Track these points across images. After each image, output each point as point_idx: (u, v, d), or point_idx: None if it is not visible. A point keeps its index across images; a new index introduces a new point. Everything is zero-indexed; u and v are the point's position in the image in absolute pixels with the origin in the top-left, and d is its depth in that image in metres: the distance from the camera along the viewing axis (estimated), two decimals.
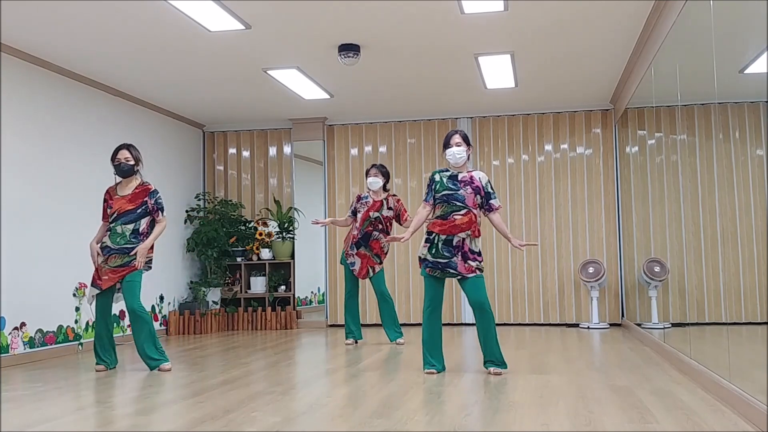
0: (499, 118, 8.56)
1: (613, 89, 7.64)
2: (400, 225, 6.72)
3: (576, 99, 8.04)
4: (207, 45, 5.91)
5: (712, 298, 4.31)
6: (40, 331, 6.10)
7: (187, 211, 8.63)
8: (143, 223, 5.31)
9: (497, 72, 6.80)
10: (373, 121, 8.78)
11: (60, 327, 6.36)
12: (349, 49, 5.96)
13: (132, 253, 5.24)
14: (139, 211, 5.29)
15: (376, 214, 6.59)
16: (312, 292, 9.18)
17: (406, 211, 6.67)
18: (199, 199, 8.95)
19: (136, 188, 5.34)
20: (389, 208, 6.62)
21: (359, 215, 6.63)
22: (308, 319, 8.86)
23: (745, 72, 3.64)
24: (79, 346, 6.57)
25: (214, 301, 8.51)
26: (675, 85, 4.81)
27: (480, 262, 4.85)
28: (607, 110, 8.36)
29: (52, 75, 6.37)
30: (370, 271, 6.65)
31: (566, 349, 6.12)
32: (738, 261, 3.87)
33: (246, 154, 9.13)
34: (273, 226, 8.85)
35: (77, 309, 6.59)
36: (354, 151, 8.87)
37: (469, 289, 4.83)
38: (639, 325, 7.01)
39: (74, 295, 6.56)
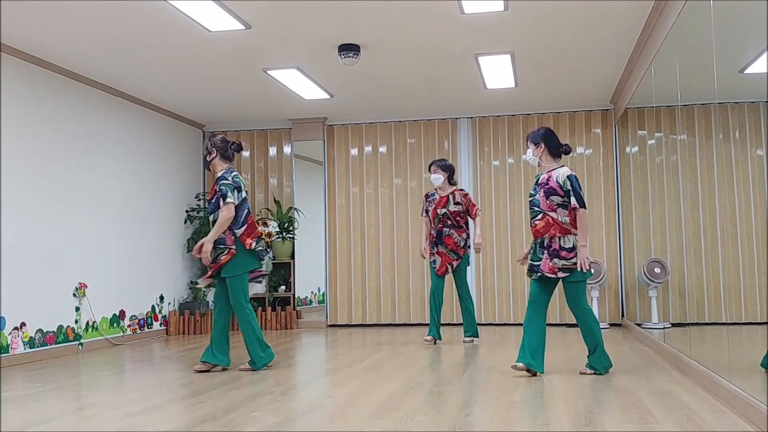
0: (499, 118, 8.56)
1: (613, 89, 7.64)
2: (471, 219, 6.62)
3: (576, 99, 8.04)
4: (207, 45, 5.91)
5: (712, 298, 4.31)
6: (40, 331, 6.10)
7: (187, 211, 8.63)
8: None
9: (497, 72, 6.80)
10: (373, 121, 8.78)
11: (60, 327, 6.36)
12: (349, 49, 5.96)
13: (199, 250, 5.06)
14: (213, 201, 5.11)
15: (444, 211, 6.53)
16: (312, 292, 9.18)
17: (474, 205, 6.60)
18: (199, 199, 8.95)
19: (216, 178, 5.16)
20: (456, 203, 6.54)
21: (430, 214, 6.64)
22: (308, 319, 8.86)
23: (745, 72, 3.64)
24: (79, 346, 6.57)
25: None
26: (675, 85, 4.81)
27: (569, 259, 4.66)
28: (607, 110, 8.36)
29: (52, 75, 6.37)
30: (449, 268, 6.59)
31: (566, 349, 6.12)
32: (738, 261, 3.87)
33: (246, 154, 9.13)
34: (273, 226, 8.84)
35: (77, 309, 6.60)
36: (354, 151, 8.87)
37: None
38: (639, 325, 7.01)
39: (74, 295, 6.56)
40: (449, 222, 6.52)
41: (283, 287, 8.77)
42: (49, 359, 6.08)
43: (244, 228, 5.10)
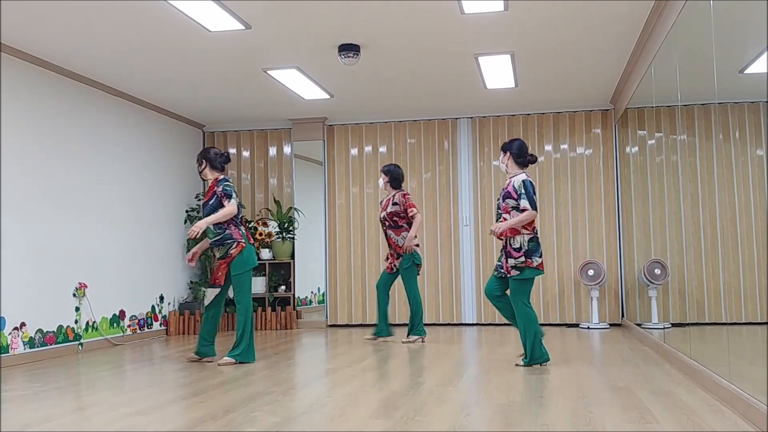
0: (499, 118, 8.56)
1: (613, 89, 7.64)
2: (407, 219, 6.79)
3: (576, 99, 8.04)
4: (207, 45, 5.91)
5: (712, 298, 4.31)
6: (40, 331, 6.10)
7: (187, 211, 8.62)
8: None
9: (497, 72, 6.80)
10: (373, 121, 8.78)
11: (60, 327, 6.36)
12: (349, 49, 5.96)
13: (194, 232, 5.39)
14: (212, 202, 5.46)
15: (383, 213, 6.85)
16: (312, 292, 9.18)
17: (411, 206, 6.78)
18: (199, 200, 8.95)
19: (211, 183, 5.54)
20: (394, 204, 6.78)
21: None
22: (308, 319, 8.86)
23: (745, 72, 3.64)
24: (79, 346, 6.57)
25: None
26: (675, 85, 4.81)
27: (517, 258, 5.06)
28: (607, 110, 8.36)
29: (52, 75, 6.37)
30: (394, 268, 6.87)
31: (566, 349, 6.12)
32: (738, 261, 3.87)
33: (246, 154, 9.13)
34: (273, 226, 8.85)
35: (77, 309, 6.59)
36: (354, 151, 8.87)
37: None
38: (639, 325, 7.01)
39: (74, 295, 6.56)
40: (387, 223, 6.82)
41: (283, 287, 8.76)
42: (49, 359, 6.08)
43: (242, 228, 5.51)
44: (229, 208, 5.37)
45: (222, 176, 5.55)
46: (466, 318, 8.44)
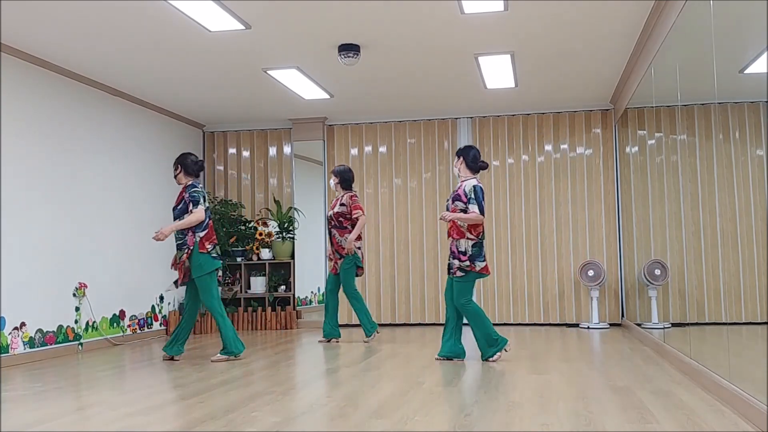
0: (499, 118, 8.56)
1: (613, 89, 7.64)
2: (352, 221, 6.94)
3: (576, 99, 8.04)
4: (207, 45, 5.91)
5: (712, 298, 4.31)
6: (40, 331, 6.10)
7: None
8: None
9: (497, 72, 6.81)
10: (373, 121, 8.78)
11: (60, 327, 6.36)
12: (349, 49, 5.96)
13: (159, 235, 5.69)
14: (180, 207, 5.76)
15: (330, 213, 7.02)
16: (312, 292, 9.18)
17: (356, 208, 6.91)
18: None
19: (181, 188, 5.86)
20: (341, 205, 6.95)
21: None
22: (308, 319, 8.86)
23: (745, 72, 3.64)
24: (79, 346, 6.57)
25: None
26: (675, 85, 4.81)
27: (462, 261, 5.34)
28: (607, 110, 8.36)
29: (52, 75, 6.37)
30: (338, 268, 6.96)
31: (566, 349, 6.12)
32: (738, 261, 3.87)
33: (246, 154, 9.13)
34: (273, 226, 8.85)
35: (77, 309, 6.60)
36: (354, 151, 8.87)
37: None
38: (639, 325, 7.01)
39: (74, 295, 6.56)
40: (333, 222, 6.96)
41: (283, 287, 8.76)
42: (49, 359, 6.08)
43: (205, 232, 5.71)
44: (197, 214, 5.63)
45: (191, 182, 5.79)
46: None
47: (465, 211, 5.33)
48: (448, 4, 5.11)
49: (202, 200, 5.69)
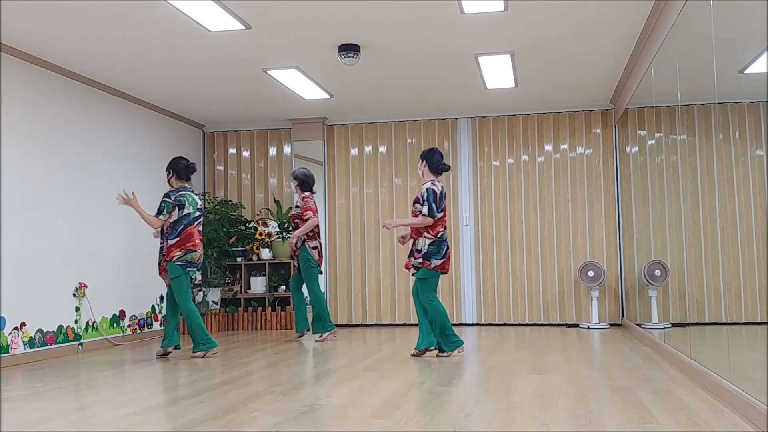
0: (499, 118, 8.56)
1: (613, 89, 7.64)
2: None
3: (576, 99, 8.05)
4: (207, 45, 5.91)
5: (712, 298, 4.31)
6: (40, 331, 6.10)
7: None
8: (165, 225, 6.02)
9: (497, 72, 6.80)
10: (373, 121, 8.78)
11: (60, 327, 6.36)
12: (349, 49, 5.96)
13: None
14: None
15: (288, 216, 7.29)
16: None
17: (307, 209, 7.10)
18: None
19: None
20: (296, 207, 7.22)
21: None
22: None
23: (745, 72, 3.64)
24: (79, 346, 6.57)
25: (214, 301, 8.51)
26: (675, 85, 4.81)
27: (417, 259, 5.64)
28: (607, 110, 8.36)
29: (52, 75, 6.37)
30: (297, 266, 7.25)
31: (566, 349, 6.12)
32: (738, 261, 3.87)
33: (246, 154, 9.13)
34: (273, 226, 8.84)
35: (77, 309, 6.60)
36: (354, 151, 8.87)
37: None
38: (639, 325, 7.01)
39: (74, 295, 6.56)
40: (292, 224, 7.24)
41: (283, 287, 8.76)
42: (49, 359, 6.08)
43: (176, 240, 5.91)
44: (153, 223, 5.95)
45: (171, 189, 6.08)
46: (465, 318, 8.43)
47: (422, 212, 5.59)
48: (448, 4, 5.11)
49: (165, 210, 5.90)
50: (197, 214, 6.08)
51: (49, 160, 6.31)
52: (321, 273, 7.24)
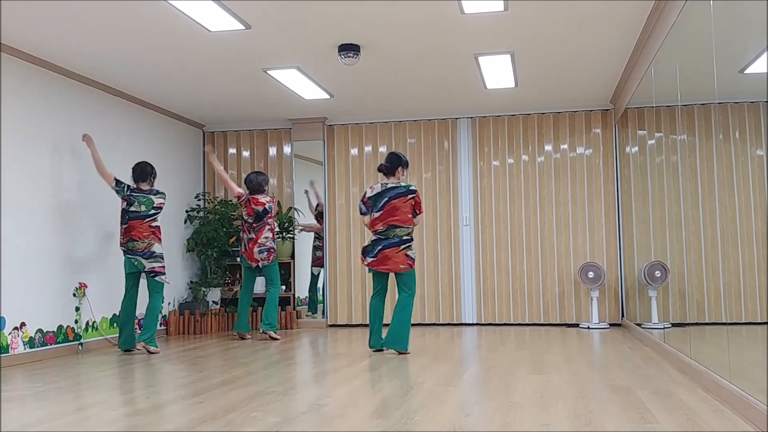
0: (499, 118, 8.56)
1: (613, 89, 7.64)
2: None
3: (576, 99, 8.05)
4: (207, 45, 5.91)
5: (712, 298, 4.31)
6: (40, 331, 6.10)
7: (187, 211, 8.63)
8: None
9: (497, 72, 6.81)
10: (373, 121, 8.78)
11: (60, 327, 6.36)
12: (349, 49, 5.96)
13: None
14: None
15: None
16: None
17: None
18: (199, 199, 8.95)
19: None
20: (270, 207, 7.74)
21: None
22: (308, 319, 8.86)
23: (745, 72, 3.64)
24: (79, 346, 6.57)
25: (214, 301, 8.51)
26: (675, 85, 4.81)
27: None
28: (607, 110, 8.36)
29: (52, 75, 6.37)
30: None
31: (566, 349, 6.12)
32: (738, 261, 3.86)
33: (246, 154, 9.13)
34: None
35: (77, 309, 6.59)
36: (354, 151, 8.87)
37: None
38: (639, 325, 7.01)
39: (74, 295, 6.56)
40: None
41: (283, 287, 8.76)
42: (49, 359, 6.08)
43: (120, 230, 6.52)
44: (106, 174, 6.55)
45: (147, 189, 6.61)
46: (465, 318, 8.44)
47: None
48: (448, 4, 5.11)
49: (121, 190, 6.51)
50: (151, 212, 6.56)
51: (48, 160, 6.31)
52: (248, 268, 7.65)
